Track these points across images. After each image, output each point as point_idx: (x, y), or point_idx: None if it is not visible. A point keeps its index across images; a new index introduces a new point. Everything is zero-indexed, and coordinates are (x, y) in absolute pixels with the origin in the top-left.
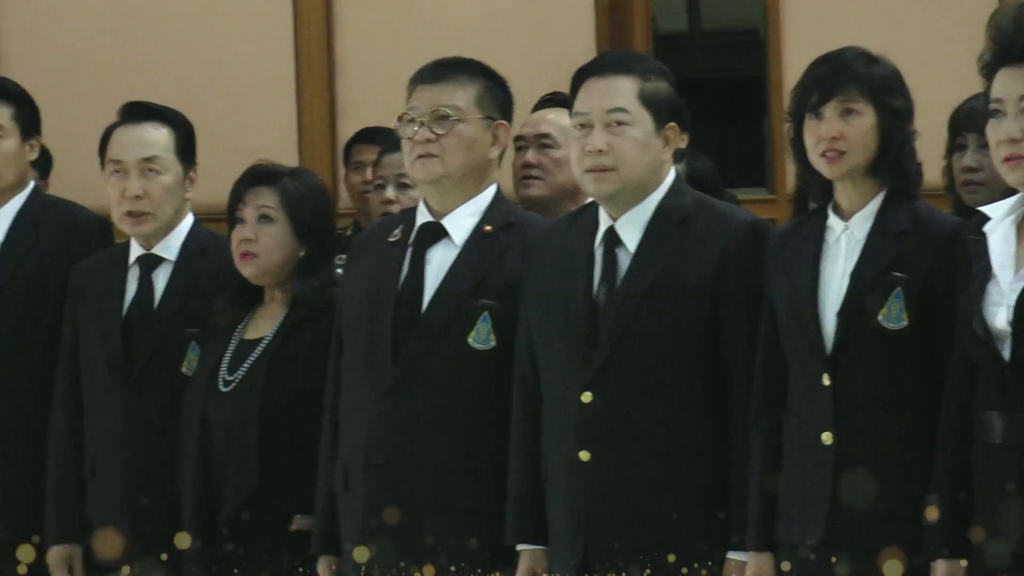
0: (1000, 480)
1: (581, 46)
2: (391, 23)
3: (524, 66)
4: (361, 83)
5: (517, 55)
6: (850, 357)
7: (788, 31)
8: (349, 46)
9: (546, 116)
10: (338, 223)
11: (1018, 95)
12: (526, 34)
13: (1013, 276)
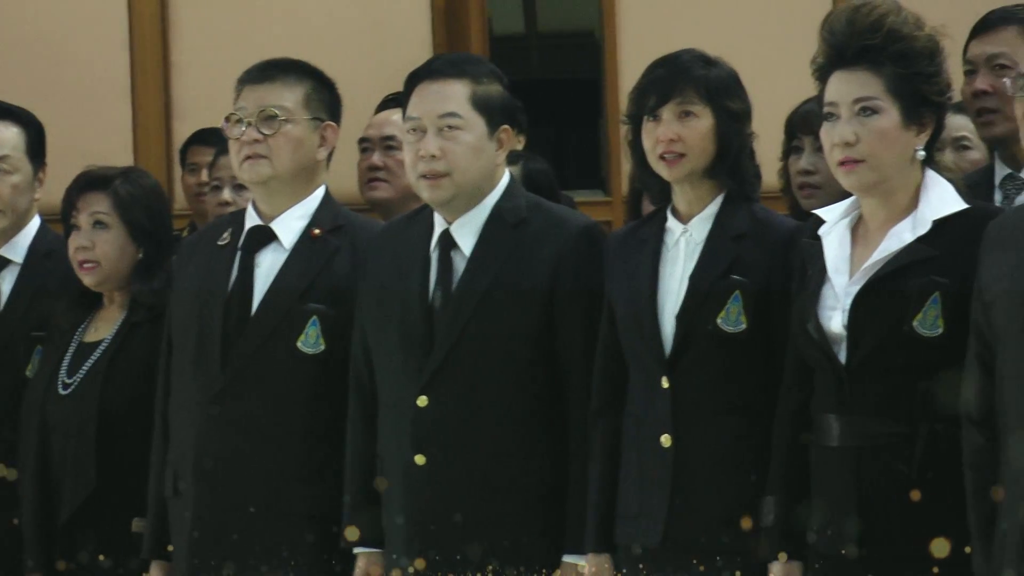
0: (836, 482)
1: (417, 48)
2: (227, 24)
3: (360, 68)
4: (197, 84)
5: (353, 57)
6: (689, 360)
7: (624, 33)
8: (184, 46)
9: (390, 118)
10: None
11: (852, 98)
12: (362, 36)
13: (848, 280)
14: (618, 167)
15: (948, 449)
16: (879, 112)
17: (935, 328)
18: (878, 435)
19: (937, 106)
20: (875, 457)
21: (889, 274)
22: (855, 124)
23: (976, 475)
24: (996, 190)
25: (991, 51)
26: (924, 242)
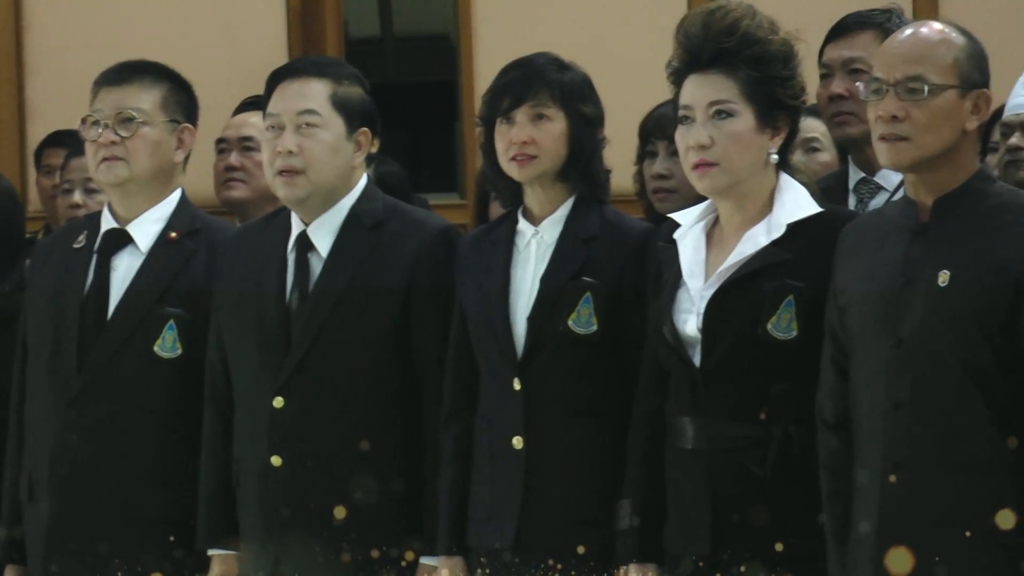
0: (691, 484)
1: (272, 50)
2: (82, 25)
3: (215, 70)
4: (51, 85)
5: (209, 59)
6: (540, 362)
7: (480, 36)
8: (38, 47)
9: (248, 119)
10: (30, 227)
11: (706, 101)
12: (217, 38)
13: (703, 283)
14: (474, 170)
15: (801, 451)
16: (734, 115)
17: (789, 331)
18: (732, 437)
19: (791, 109)
20: (729, 459)
21: (743, 277)
22: (710, 127)
23: (831, 477)
24: (850, 194)
25: (847, 55)
26: (778, 245)
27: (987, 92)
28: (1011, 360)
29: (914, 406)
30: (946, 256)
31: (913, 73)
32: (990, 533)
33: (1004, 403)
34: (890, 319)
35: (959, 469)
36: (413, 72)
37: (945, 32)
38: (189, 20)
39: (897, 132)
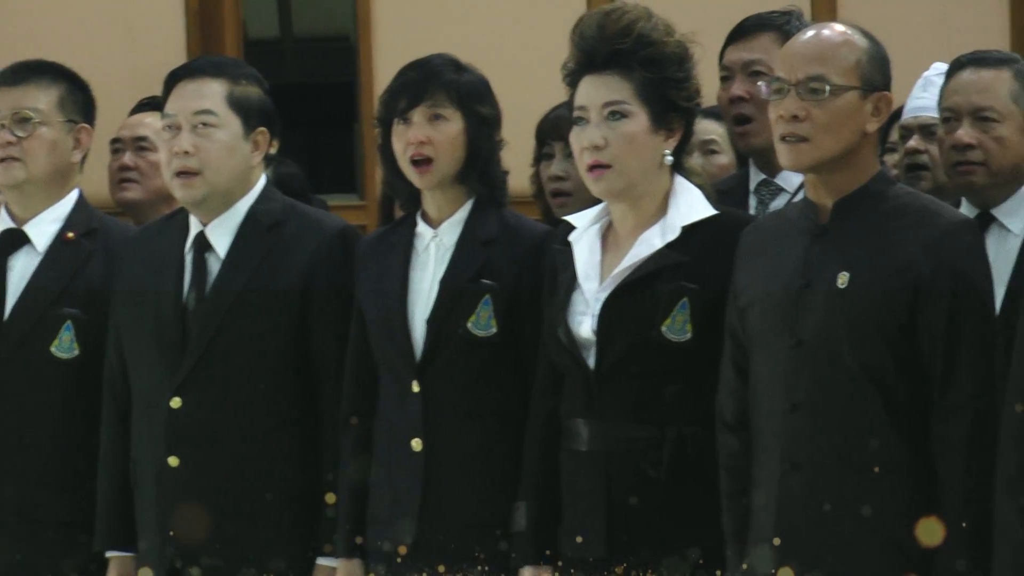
0: (586, 487)
1: (171, 50)
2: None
3: (113, 70)
4: None
5: (106, 59)
6: (439, 364)
7: (379, 37)
8: None
9: (143, 119)
10: None
11: (601, 103)
12: (115, 38)
13: (598, 286)
14: (373, 171)
15: (696, 453)
16: (628, 116)
17: (683, 333)
18: (627, 439)
19: (686, 111)
20: (624, 461)
21: (638, 279)
22: (604, 128)
23: (731, 478)
24: (751, 195)
25: (747, 57)
26: (673, 248)
27: (888, 94)
28: (909, 362)
29: (812, 407)
30: (846, 258)
31: (815, 73)
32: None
33: (901, 404)
34: (790, 320)
35: (856, 469)
36: (312, 73)
37: (848, 34)
38: (87, 20)
39: (798, 132)
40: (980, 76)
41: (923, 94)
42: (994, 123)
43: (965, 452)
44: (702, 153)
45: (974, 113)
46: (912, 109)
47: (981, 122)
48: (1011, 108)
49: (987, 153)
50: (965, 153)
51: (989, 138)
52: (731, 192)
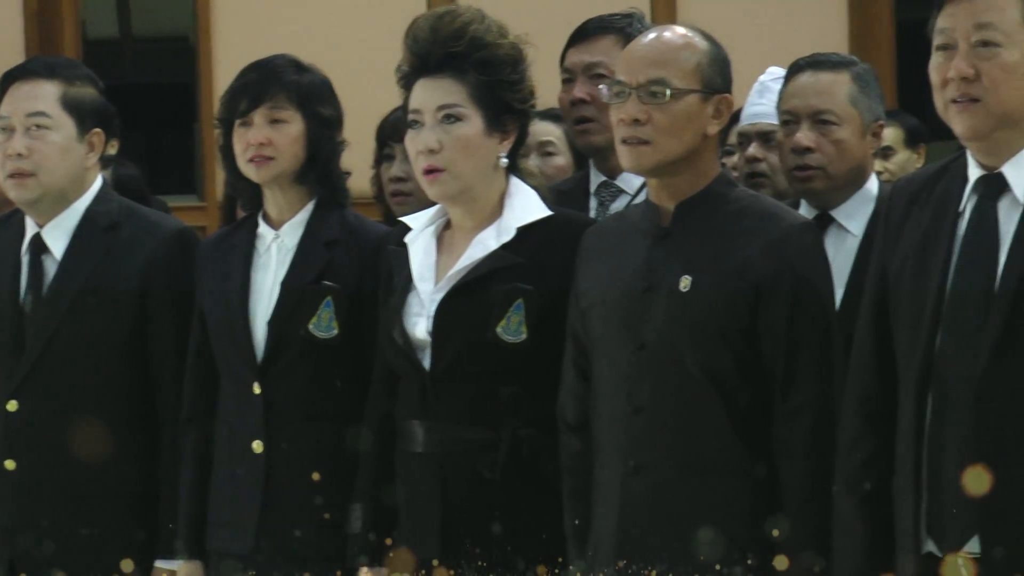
0: (422, 488)
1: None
2: None
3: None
4: None
5: None
6: (281, 365)
7: (219, 38)
8: None
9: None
10: None
11: (435, 106)
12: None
13: (433, 287)
14: (212, 172)
15: (531, 454)
16: (462, 119)
17: (519, 334)
18: (462, 440)
19: (520, 113)
20: (460, 462)
21: (473, 281)
22: (438, 131)
23: (572, 479)
24: (591, 197)
25: (589, 60)
26: (508, 249)
27: (728, 97)
28: (750, 364)
29: (655, 410)
30: (687, 260)
31: (656, 76)
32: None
33: (743, 407)
34: (632, 323)
35: (698, 472)
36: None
37: (688, 36)
38: None
39: (639, 135)
40: (818, 79)
41: (760, 100)
42: (833, 126)
43: (806, 454)
44: (539, 155)
45: (813, 116)
46: (749, 116)
47: (820, 125)
48: (850, 111)
49: (826, 156)
50: (804, 156)
51: (828, 141)
52: (571, 193)
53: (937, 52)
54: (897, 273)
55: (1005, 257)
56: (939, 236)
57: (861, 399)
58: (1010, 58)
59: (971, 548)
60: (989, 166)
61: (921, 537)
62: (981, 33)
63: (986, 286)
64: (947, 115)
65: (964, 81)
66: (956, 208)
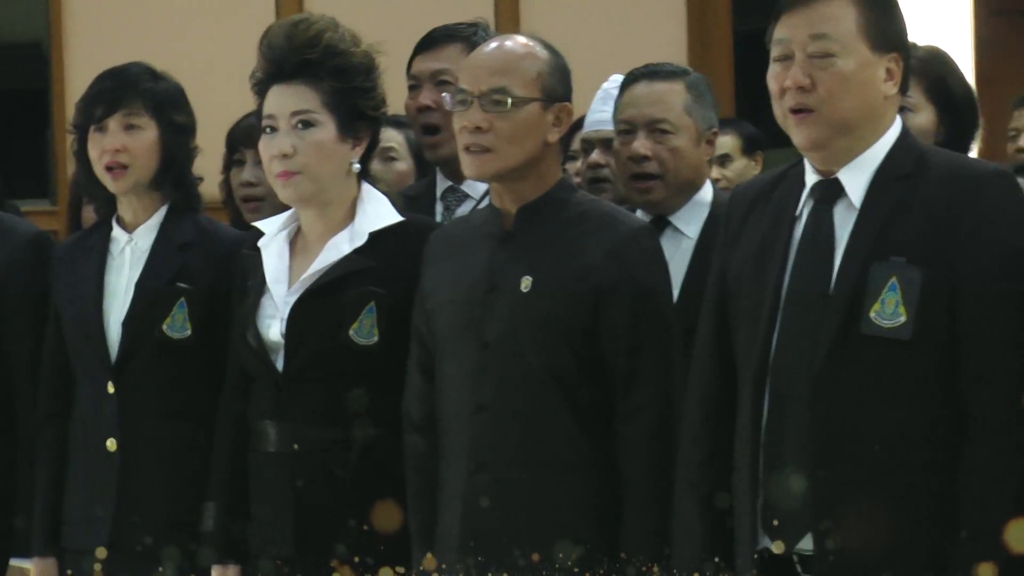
0: (274, 487)
1: None
2: None
3: None
4: None
5: None
6: (135, 365)
7: (72, 44)
8: None
9: None
10: None
11: (290, 111)
12: None
13: (287, 290)
14: (65, 177)
15: (383, 453)
16: (316, 125)
17: (371, 336)
18: (315, 440)
19: (373, 120)
20: (312, 462)
21: (327, 284)
22: (292, 136)
23: (417, 478)
24: (438, 202)
25: (435, 67)
26: (361, 253)
27: (568, 105)
28: (592, 363)
29: (498, 408)
30: (529, 263)
31: (498, 85)
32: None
33: (585, 404)
34: (475, 323)
35: (541, 468)
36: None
37: (530, 46)
38: None
39: (481, 143)
40: (654, 89)
41: (603, 107)
42: (669, 135)
43: (648, 451)
44: (381, 160)
45: (649, 125)
46: (592, 123)
47: (656, 134)
48: (685, 120)
49: (662, 164)
50: (641, 164)
51: (664, 149)
52: (419, 198)
53: (775, 62)
54: (736, 276)
55: (840, 260)
56: (777, 240)
57: (701, 398)
58: (845, 68)
59: (805, 545)
60: (825, 172)
61: (758, 533)
62: (817, 44)
63: (821, 288)
64: (786, 124)
65: (800, 91)
66: (793, 212)
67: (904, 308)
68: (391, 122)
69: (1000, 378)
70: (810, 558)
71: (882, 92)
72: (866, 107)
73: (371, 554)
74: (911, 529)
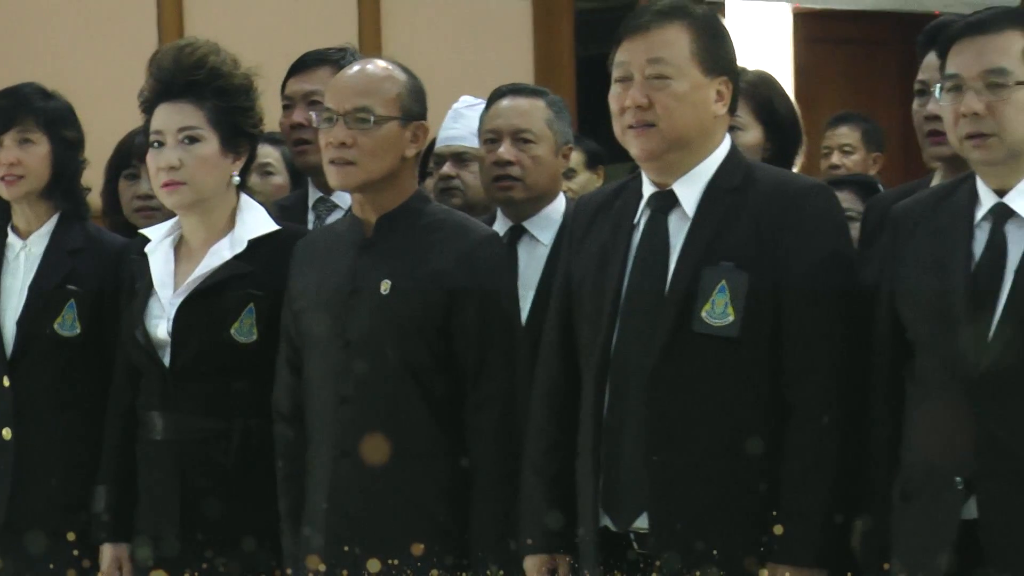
0: (161, 473)
1: None
2: None
3: None
4: None
5: None
6: (29, 361)
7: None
8: None
9: None
10: None
11: (176, 127)
12: None
13: (173, 292)
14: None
15: (260, 442)
16: (200, 140)
17: (250, 335)
18: (198, 430)
19: (251, 136)
20: (196, 450)
21: (210, 287)
22: (180, 151)
23: (286, 464)
24: (310, 211)
25: (307, 88)
26: (241, 259)
27: (424, 123)
28: (445, 359)
29: (360, 400)
30: (388, 267)
31: (361, 105)
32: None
33: (439, 397)
34: (339, 323)
35: (400, 456)
36: None
37: (390, 69)
38: None
39: (345, 157)
40: (518, 103)
41: (454, 125)
42: (531, 144)
43: (495, 439)
44: (259, 174)
45: (514, 134)
46: (444, 138)
47: (519, 142)
48: (546, 132)
49: (524, 170)
50: (505, 168)
51: (527, 156)
52: (292, 208)
53: (616, 83)
54: (580, 279)
55: (674, 264)
56: (617, 245)
57: (547, 390)
58: (680, 88)
59: (640, 524)
60: (661, 184)
61: (599, 513)
62: (654, 67)
63: (657, 290)
64: (624, 139)
65: (639, 109)
66: (632, 221)
67: (732, 308)
68: (267, 139)
69: (820, 371)
70: (645, 535)
71: (713, 112)
72: (698, 125)
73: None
74: (738, 510)
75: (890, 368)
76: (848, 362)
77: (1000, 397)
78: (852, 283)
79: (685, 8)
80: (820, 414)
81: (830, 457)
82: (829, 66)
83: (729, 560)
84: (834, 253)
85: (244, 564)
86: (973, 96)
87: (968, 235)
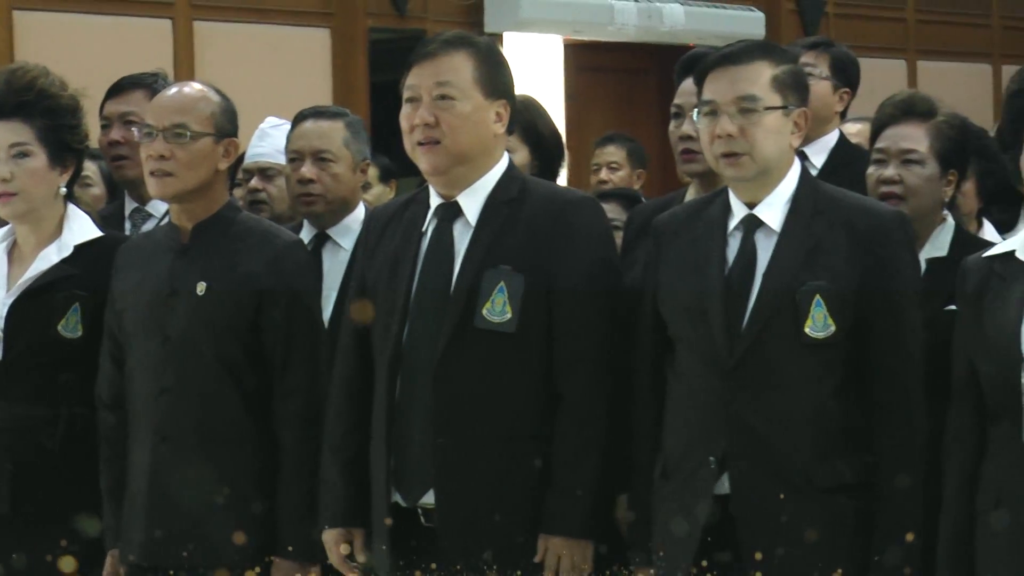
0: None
1: None
2: None
3: None
4: None
5: None
6: None
7: None
8: None
9: None
10: None
11: (7, 144)
12: None
13: (5, 293)
14: None
15: (84, 428)
16: (30, 155)
17: (76, 331)
18: (27, 417)
19: (78, 152)
20: (25, 436)
21: (39, 288)
22: (10, 165)
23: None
24: (127, 220)
25: (124, 109)
26: (67, 262)
27: (235, 140)
28: (256, 354)
29: (178, 391)
30: (203, 270)
31: (178, 121)
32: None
33: (252, 389)
34: (159, 321)
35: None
36: None
37: (205, 91)
38: None
39: (164, 168)
40: (319, 125)
41: (261, 143)
42: (331, 162)
43: (300, 426)
44: (80, 186)
45: (315, 154)
46: (252, 155)
47: (320, 162)
48: (344, 151)
49: (324, 186)
50: (307, 186)
51: (327, 174)
52: (111, 218)
53: (406, 104)
54: (374, 280)
55: (458, 267)
56: (407, 251)
57: (344, 380)
58: (463, 109)
59: (427, 500)
60: (446, 196)
61: (390, 490)
62: (440, 89)
63: (443, 289)
64: (414, 155)
65: (427, 127)
66: (421, 229)
67: (510, 307)
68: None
69: (587, 362)
70: (431, 511)
71: (492, 131)
72: (479, 142)
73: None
74: (516, 489)
75: (652, 361)
76: (613, 355)
77: (749, 386)
78: (616, 285)
79: (469, 38)
80: (587, 401)
81: (596, 439)
82: (596, 92)
83: (507, 533)
84: (600, 258)
85: (69, 538)
86: (727, 120)
87: (722, 243)
